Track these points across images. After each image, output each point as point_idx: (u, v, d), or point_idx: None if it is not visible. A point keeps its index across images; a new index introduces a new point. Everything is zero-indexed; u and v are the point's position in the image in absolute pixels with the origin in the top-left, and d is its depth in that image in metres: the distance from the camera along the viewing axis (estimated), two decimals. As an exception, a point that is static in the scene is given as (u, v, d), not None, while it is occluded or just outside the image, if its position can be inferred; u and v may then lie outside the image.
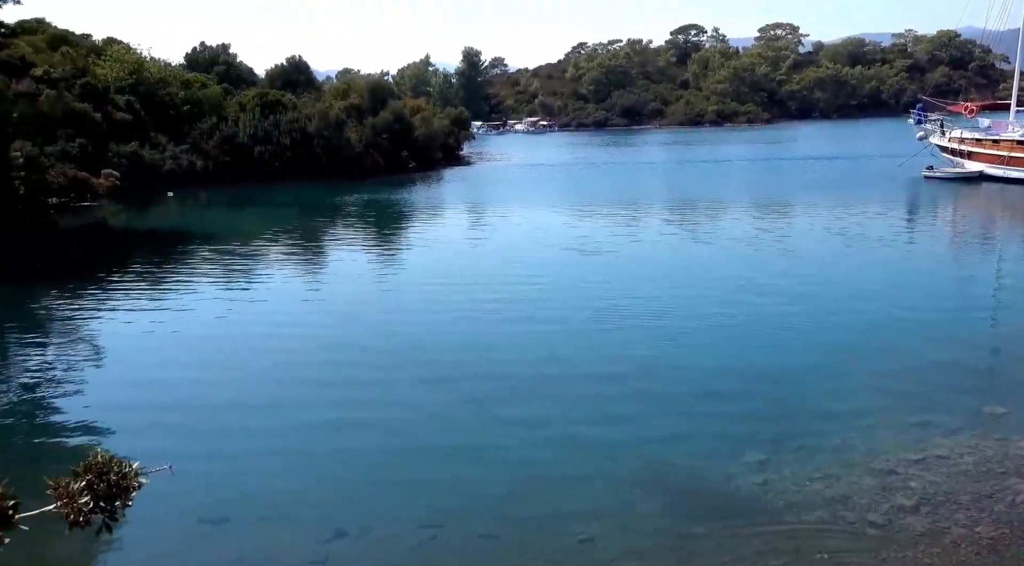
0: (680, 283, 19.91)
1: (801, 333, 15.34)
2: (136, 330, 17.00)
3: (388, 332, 16.20)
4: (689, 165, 60.59)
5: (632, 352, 14.39)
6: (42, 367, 14.73)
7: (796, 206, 35.25)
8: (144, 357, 15.16)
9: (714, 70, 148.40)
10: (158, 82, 50.13)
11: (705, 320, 16.35)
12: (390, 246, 29.06)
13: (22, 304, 20.23)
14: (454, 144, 70.48)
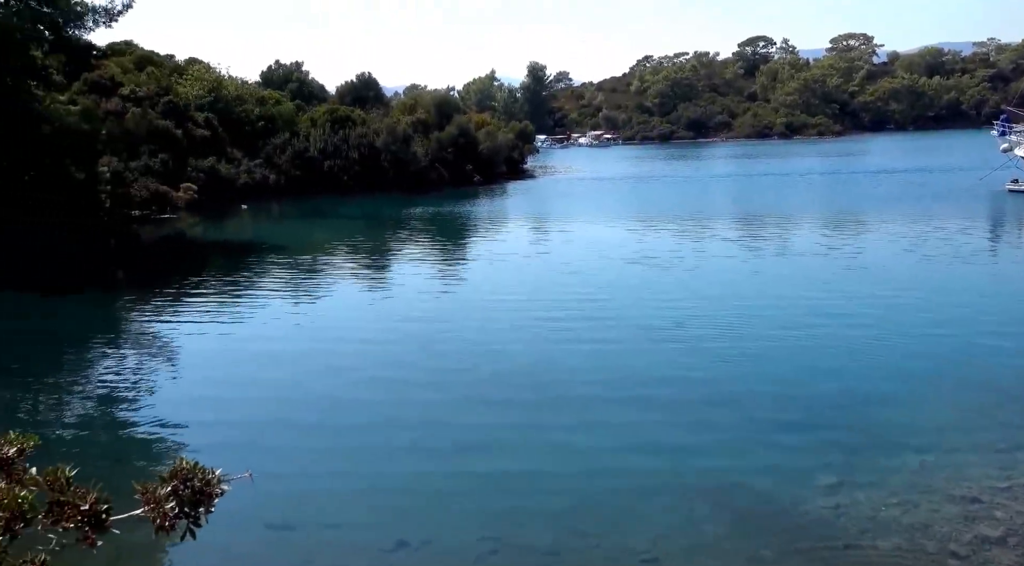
0: (747, 301, 19.43)
1: (875, 355, 14.75)
2: (208, 339, 17.60)
3: (450, 349, 16.29)
4: (757, 178, 59.36)
5: (697, 372, 14.11)
6: (121, 373, 15.38)
7: (869, 221, 34.08)
8: (214, 366, 15.67)
9: (783, 82, 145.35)
10: (235, 99, 52.13)
11: (773, 340, 15.90)
12: (453, 259, 29.37)
13: (105, 311, 21.23)
14: (518, 158, 70.95)
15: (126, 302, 21.92)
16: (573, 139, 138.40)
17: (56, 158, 26.63)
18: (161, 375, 15.09)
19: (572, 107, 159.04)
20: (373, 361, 15.41)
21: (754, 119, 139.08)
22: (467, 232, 35.92)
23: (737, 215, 38.69)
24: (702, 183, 57.69)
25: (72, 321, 20.20)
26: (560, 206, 45.03)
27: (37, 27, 27.07)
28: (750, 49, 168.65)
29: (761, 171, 65.87)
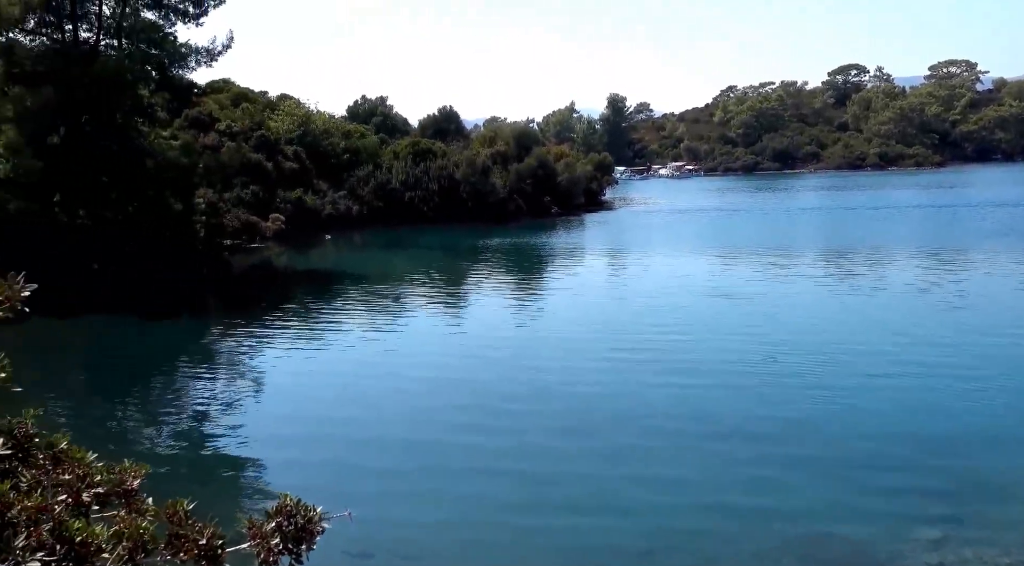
0: (839, 337, 18.70)
1: (982, 398, 13.90)
2: (292, 367, 18.21)
3: (526, 378, 16.33)
4: (849, 211, 57.39)
5: (784, 411, 13.63)
6: (210, 400, 16.04)
7: (973, 256, 32.34)
8: (298, 396, 16.14)
9: (877, 111, 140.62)
10: (323, 133, 54.33)
11: (867, 379, 15.22)
12: (530, 291, 29.49)
13: (196, 337, 22.28)
14: (597, 189, 71.02)
15: (216, 328, 22.95)
16: (653, 170, 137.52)
17: (158, 190, 28.35)
18: (247, 403, 15.65)
19: (652, 138, 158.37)
20: (446, 390, 15.56)
21: (845, 149, 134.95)
22: (544, 264, 36.06)
23: (827, 248, 37.45)
24: (789, 215, 56.19)
25: (166, 346, 21.28)
26: (639, 238, 44.70)
27: (145, 68, 29.09)
28: (841, 77, 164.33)
29: (853, 203, 63.67)
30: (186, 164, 29.03)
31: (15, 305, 1.95)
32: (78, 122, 27.24)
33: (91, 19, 29.56)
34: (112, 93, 27.14)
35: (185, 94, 33.14)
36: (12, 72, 25.71)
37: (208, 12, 30.63)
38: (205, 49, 30.64)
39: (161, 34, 29.89)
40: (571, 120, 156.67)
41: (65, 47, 27.65)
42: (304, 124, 53.39)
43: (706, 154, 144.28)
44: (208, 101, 46.91)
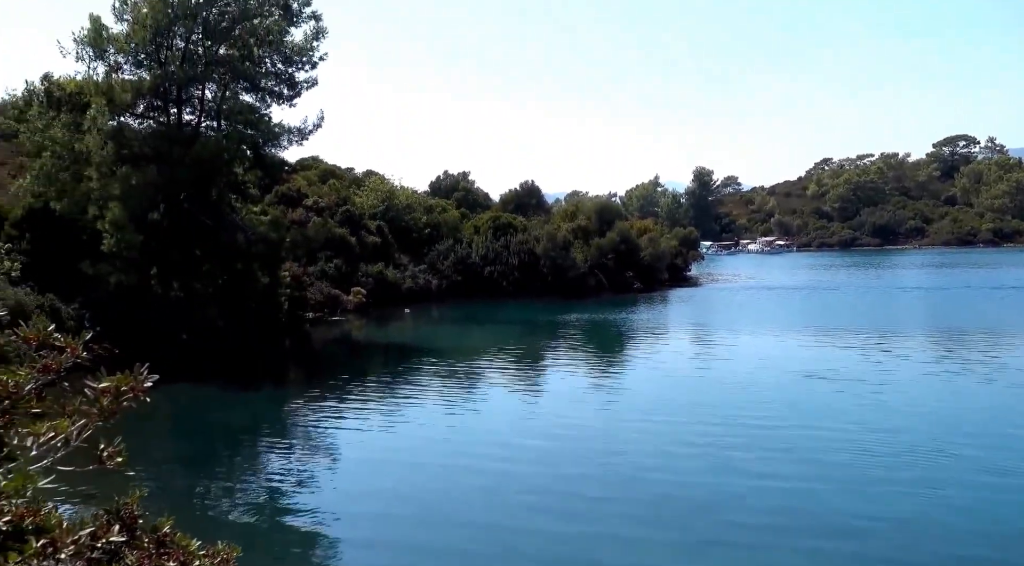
0: (953, 430, 17.76)
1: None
2: (367, 440, 18.64)
3: (603, 462, 16.18)
4: (960, 291, 54.90)
5: (887, 518, 12.85)
6: (286, 472, 16.57)
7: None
8: (371, 469, 16.49)
9: (990, 184, 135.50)
10: (405, 208, 56.60)
11: (986, 488, 14.26)
12: (609, 368, 29.33)
13: (275, 408, 23.13)
14: (681, 264, 70.66)
15: (295, 400, 23.80)
16: (742, 245, 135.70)
17: (247, 263, 30.12)
18: (322, 478, 16.08)
19: (740, 212, 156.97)
20: (525, 476, 15.55)
21: (954, 224, 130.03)
22: (625, 341, 35.86)
23: (936, 330, 35.81)
24: (894, 294, 54.20)
25: (247, 417, 22.18)
26: (726, 316, 43.96)
27: (241, 147, 31.42)
28: (947, 149, 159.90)
29: (964, 282, 60.93)
30: (274, 239, 30.79)
31: (139, 396, 2.30)
32: (177, 199, 29.48)
33: (194, 103, 32.30)
34: (210, 172, 29.35)
35: (276, 171, 35.43)
36: (121, 153, 28.24)
37: (301, 94, 32.97)
38: (297, 129, 32.87)
39: (257, 115, 32.29)
40: (655, 194, 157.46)
41: (169, 129, 30.22)
42: (388, 199, 55.80)
43: (799, 229, 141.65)
44: (297, 178, 49.88)
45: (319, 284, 43.17)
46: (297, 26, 32.17)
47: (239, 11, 30.63)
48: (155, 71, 30.02)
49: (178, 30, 30.18)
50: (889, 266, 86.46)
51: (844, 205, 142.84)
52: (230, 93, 32.76)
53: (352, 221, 49.90)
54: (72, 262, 27.90)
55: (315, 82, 33.17)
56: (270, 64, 32.69)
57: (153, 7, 29.09)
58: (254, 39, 31.83)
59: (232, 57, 31.68)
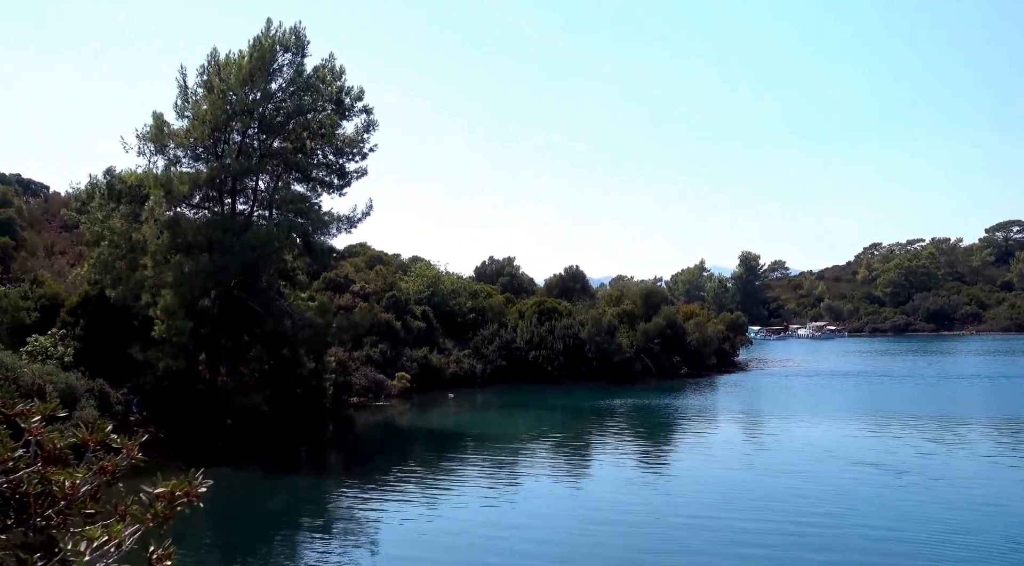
0: (1017, 519, 16.72)
1: None
2: (407, 529, 18.29)
3: (646, 557, 15.61)
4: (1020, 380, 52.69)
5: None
6: (323, 558, 16.27)
7: None
8: (411, 558, 16.10)
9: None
10: (450, 293, 57.17)
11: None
12: (654, 456, 28.52)
13: (316, 494, 22.93)
14: (729, 349, 69.46)
15: (336, 487, 23.57)
16: (791, 330, 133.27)
17: (293, 349, 30.56)
18: (361, 564, 15.73)
19: (789, 297, 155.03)
20: (566, 557, 15.02)
21: (1012, 310, 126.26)
22: (671, 428, 35.00)
23: (997, 420, 34.19)
24: (949, 383, 52.22)
25: (287, 502, 22.00)
26: (775, 402, 42.71)
27: (292, 235, 32.39)
28: (1001, 234, 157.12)
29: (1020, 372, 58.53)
30: (321, 324, 31.28)
31: (192, 500, 2.29)
32: (228, 286, 30.30)
33: (248, 193, 33.62)
34: (260, 259, 30.24)
35: (325, 258, 36.29)
36: (176, 242, 29.34)
37: (351, 184, 34.13)
38: (346, 217, 33.85)
39: (307, 204, 33.40)
40: (701, 278, 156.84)
41: (223, 219, 31.39)
42: (433, 284, 56.51)
43: (849, 314, 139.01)
44: (345, 264, 50.99)
45: (364, 369, 43.40)
46: (349, 119, 33.61)
47: (294, 106, 32.17)
48: (212, 164, 31.46)
49: (235, 125, 31.73)
50: (950, 352, 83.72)
51: (896, 290, 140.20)
52: (282, 183, 34.07)
53: (398, 306, 50.50)
54: (123, 348, 28.63)
55: (364, 172, 34.36)
56: (321, 156, 34.06)
57: (213, 104, 30.73)
58: (307, 132, 33.30)
59: (286, 149, 33.11)
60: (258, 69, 30.98)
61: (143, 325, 28.54)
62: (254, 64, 30.96)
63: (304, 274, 37.32)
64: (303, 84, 32.16)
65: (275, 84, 31.98)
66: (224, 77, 31.34)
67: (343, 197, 35.88)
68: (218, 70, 31.54)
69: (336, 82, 33.02)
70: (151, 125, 31.39)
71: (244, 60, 31.16)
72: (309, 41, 32.09)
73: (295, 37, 31.74)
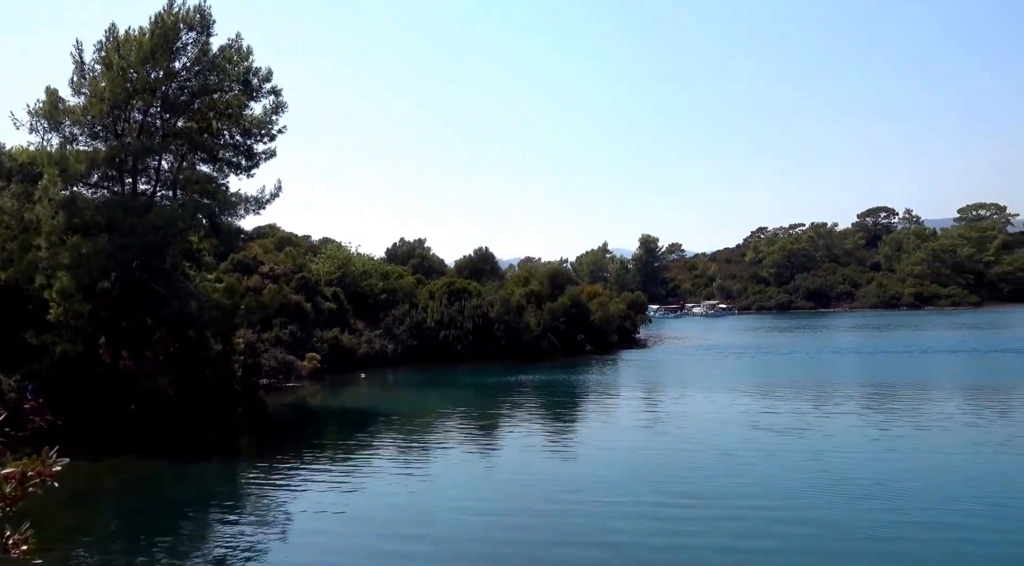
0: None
1: None
2: (322, 509, 17.83)
3: (560, 522, 15.81)
4: (891, 355, 56.30)
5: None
6: (235, 545, 15.66)
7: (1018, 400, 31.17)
8: (326, 539, 15.72)
9: (908, 252, 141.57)
10: (361, 275, 56.08)
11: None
12: (562, 429, 28.92)
13: (226, 478, 22.08)
14: (630, 327, 71.12)
15: (247, 469, 22.76)
16: (687, 309, 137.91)
17: (199, 331, 29.19)
18: (272, 548, 15.24)
19: (685, 277, 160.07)
20: (480, 542, 15.01)
21: (880, 289, 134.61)
22: (577, 401, 35.60)
23: (873, 387, 36.40)
24: (827, 355, 55.23)
25: (197, 488, 21.08)
26: (673, 375, 44.10)
27: (197, 216, 30.84)
28: (871, 219, 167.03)
29: (901, 346, 62.57)
30: (228, 306, 30.00)
31: (46, 480, 2.03)
32: (129, 268, 28.61)
33: (150, 173, 31.77)
34: (163, 240, 28.67)
35: (232, 240, 34.80)
36: (72, 222, 27.41)
37: (259, 165, 32.74)
38: (254, 198, 32.46)
39: (214, 185, 31.88)
40: (604, 260, 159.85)
41: (123, 198, 29.57)
42: (344, 266, 55.27)
43: (739, 293, 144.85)
44: (254, 246, 49.15)
45: (273, 351, 42.10)
46: (257, 101, 32.18)
47: (199, 86, 30.54)
48: (111, 142, 29.54)
49: (136, 103, 29.90)
50: (825, 327, 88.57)
51: (779, 271, 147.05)
52: (187, 164, 32.38)
53: (308, 288, 49.13)
54: (16, 332, 26.63)
55: (273, 153, 33.02)
56: (228, 136, 32.51)
57: (112, 82, 28.82)
58: (213, 113, 31.70)
59: (190, 129, 31.44)
60: (160, 47, 29.18)
61: (38, 308, 26.61)
62: (156, 41, 29.14)
63: (211, 256, 35.68)
64: (208, 64, 30.51)
65: (179, 63, 30.22)
66: (124, 54, 29.39)
67: (251, 178, 34.37)
68: (117, 46, 29.54)
69: (243, 62, 31.50)
70: (44, 101, 29.17)
71: (145, 37, 29.29)
72: (215, 20, 30.49)
73: (200, 16, 30.03)
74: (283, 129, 32.54)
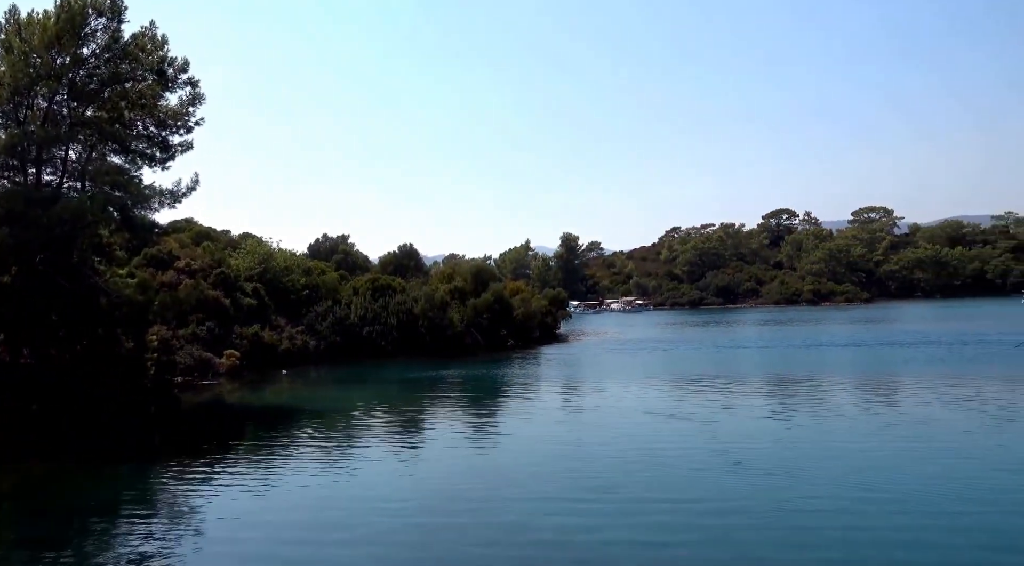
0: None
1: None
2: (239, 510, 16.98)
3: (481, 507, 15.60)
4: (794, 349, 58.58)
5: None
6: (146, 548, 14.69)
7: (906, 389, 32.86)
8: (243, 540, 14.94)
9: (808, 251, 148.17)
10: (283, 270, 54.31)
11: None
12: (484, 421, 28.68)
13: (137, 481, 20.79)
14: (552, 323, 71.67)
15: (161, 471, 21.50)
16: (605, 305, 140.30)
17: (109, 328, 27.44)
18: (185, 553, 14.35)
19: (604, 275, 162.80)
20: (404, 539, 14.56)
21: (782, 286, 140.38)
22: (500, 394, 35.47)
23: (772, 378, 37.66)
24: (735, 348, 57.00)
25: (104, 491, 19.76)
26: (593, 369, 44.57)
27: (107, 209, 28.98)
28: (774, 221, 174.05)
29: (791, 341, 65.12)
30: (140, 302, 28.37)
31: None
32: (33, 262, 26.63)
33: (56, 163, 29.70)
34: (70, 233, 26.81)
35: (146, 234, 32.95)
36: (-30, 213, 25.31)
37: (175, 157, 31.08)
38: (169, 191, 30.78)
39: (126, 177, 30.07)
40: (527, 258, 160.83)
41: (26, 189, 27.52)
42: (265, 261, 53.40)
43: (654, 289, 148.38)
44: (169, 240, 46.81)
45: (189, 348, 40.22)
46: (173, 91, 30.52)
47: (110, 74, 28.71)
48: (12, 130, 27.44)
49: (40, 90, 27.88)
50: (733, 322, 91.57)
51: (692, 269, 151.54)
52: (97, 154, 30.44)
53: (227, 283, 47.20)
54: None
55: (190, 146, 31.41)
56: (142, 127, 30.73)
57: (13, 66, 26.77)
58: (125, 102, 29.88)
59: (100, 119, 29.53)
60: (67, 32, 27.25)
61: (-71, 305, 24.46)
62: (62, 26, 27.20)
63: (122, 250, 33.66)
64: (119, 51, 28.71)
65: (87, 49, 28.32)
66: (27, 37, 27.35)
67: (167, 171, 32.53)
68: (18, 29, 27.46)
69: (158, 51, 29.79)
70: (-63, 85, 26.84)
71: (50, 21, 27.32)
72: (127, 7, 28.70)
73: (110, 1, 28.26)
74: (200, 121, 31.00)
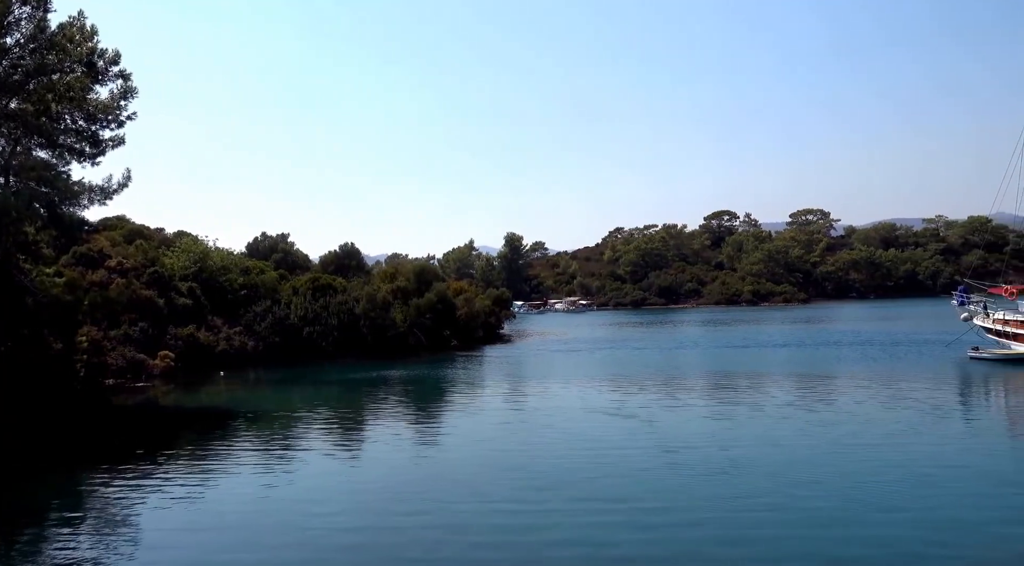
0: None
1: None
2: (173, 517, 16.82)
3: (425, 508, 15.85)
4: (735, 350, 60.37)
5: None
6: (70, 557, 14.47)
7: (842, 387, 34.44)
8: (175, 549, 14.83)
9: (748, 252, 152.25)
10: (220, 270, 53.21)
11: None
12: (427, 421, 28.88)
13: (67, 487, 20.32)
14: (495, 323, 72.07)
15: (87, 477, 21.02)
16: (549, 305, 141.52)
17: (35, 329, 26.62)
18: (118, 560, 14.19)
19: (548, 275, 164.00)
20: (342, 541, 14.71)
21: (722, 287, 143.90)
22: (442, 395, 35.68)
23: (713, 377, 38.87)
24: (677, 348, 58.47)
25: (28, 499, 19.27)
26: (536, 369, 45.13)
27: (33, 205, 28.07)
28: (715, 222, 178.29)
29: (729, 341, 67.06)
30: (69, 301, 27.60)
31: None
32: (-48, 260, 25.66)
33: (-23, 158, 28.61)
34: (-7, 231, 25.92)
35: (75, 231, 32.00)
36: None
37: (106, 153, 30.25)
38: (100, 187, 29.99)
39: (53, 172, 29.17)
40: (470, 257, 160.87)
41: (-54, 184, 26.49)
42: (201, 260, 52.26)
43: (597, 290, 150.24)
44: (100, 238, 45.43)
45: (121, 349, 39.18)
46: (103, 84, 29.71)
47: (35, 65, 27.78)
48: (-71, 121, 26.35)
49: (-40, 80, 26.84)
50: (674, 322, 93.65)
51: (634, 269, 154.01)
52: (22, 148, 29.41)
53: (161, 283, 46.10)
54: None
55: (122, 141, 30.58)
56: (70, 121, 29.80)
57: (-69, 54, 25.71)
58: (52, 95, 28.95)
59: (25, 111, 28.55)
60: (-11, 19, 26.33)
61: None
62: (-16, 13, 26.26)
63: (50, 248, 32.58)
64: (46, 42, 27.85)
65: (11, 39, 27.38)
66: (-55, 25, 26.30)
67: (97, 167, 31.61)
68: (-63, 16, 26.37)
69: (87, 43, 28.95)
70: None
71: (-30, 8, 26.32)
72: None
73: (36, -12, 27.36)
74: (133, 115, 30.25)
